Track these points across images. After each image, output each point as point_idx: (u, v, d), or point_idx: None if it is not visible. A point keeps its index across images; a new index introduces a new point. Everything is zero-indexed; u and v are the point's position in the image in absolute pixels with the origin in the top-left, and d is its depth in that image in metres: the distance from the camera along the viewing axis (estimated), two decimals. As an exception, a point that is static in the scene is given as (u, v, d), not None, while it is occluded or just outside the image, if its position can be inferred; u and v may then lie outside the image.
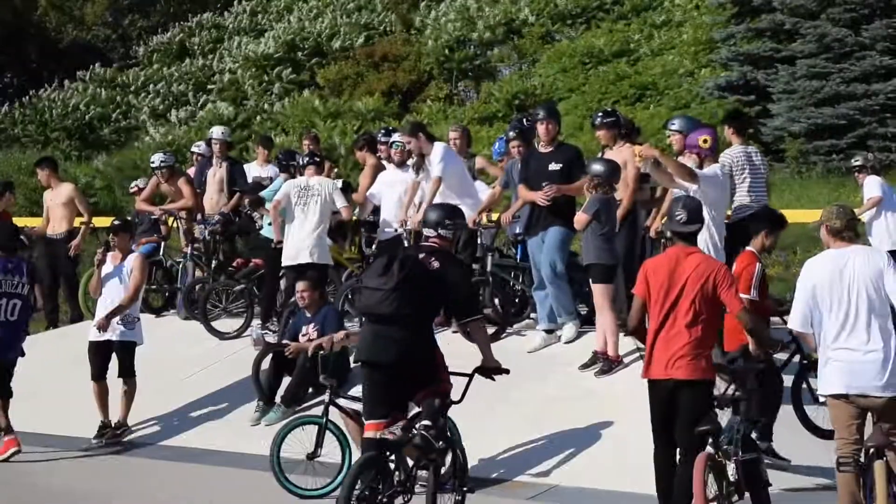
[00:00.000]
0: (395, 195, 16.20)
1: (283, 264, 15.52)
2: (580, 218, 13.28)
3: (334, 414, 12.09)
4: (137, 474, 13.37)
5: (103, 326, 14.53)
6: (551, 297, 14.20)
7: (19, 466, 13.57)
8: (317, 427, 12.00)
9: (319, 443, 11.91)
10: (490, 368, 10.64)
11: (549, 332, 14.46)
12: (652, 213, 14.66)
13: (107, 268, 14.88)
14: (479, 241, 15.39)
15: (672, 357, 9.70)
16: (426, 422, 9.99)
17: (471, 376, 10.66)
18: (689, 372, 9.67)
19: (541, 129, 14.40)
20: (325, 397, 12.18)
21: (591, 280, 13.40)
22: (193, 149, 19.41)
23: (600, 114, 14.89)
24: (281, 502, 11.75)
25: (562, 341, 14.38)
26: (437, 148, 15.39)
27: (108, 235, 15.50)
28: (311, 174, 15.90)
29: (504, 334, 14.93)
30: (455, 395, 10.61)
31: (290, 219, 15.54)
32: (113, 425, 14.58)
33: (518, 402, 13.33)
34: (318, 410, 12.59)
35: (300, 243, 15.40)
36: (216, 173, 18.47)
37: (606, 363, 13.37)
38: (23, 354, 14.60)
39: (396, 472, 9.93)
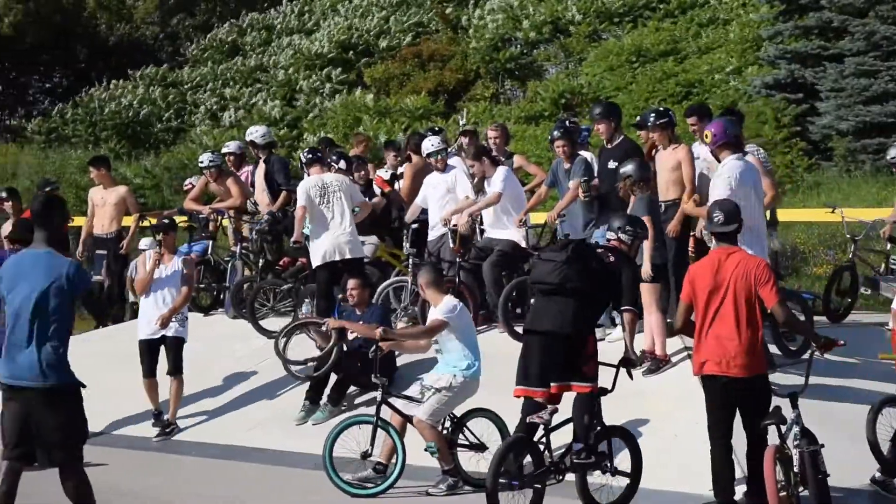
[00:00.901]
0: (437, 195, 16.22)
1: (316, 263, 15.44)
2: (649, 220, 13.15)
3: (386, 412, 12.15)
4: (185, 472, 13.45)
5: (165, 323, 14.69)
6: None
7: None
8: (370, 426, 12.05)
9: (373, 442, 11.97)
10: (629, 360, 11.27)
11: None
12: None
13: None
14: (526, 242, 15.38)
15: (725, 355, 10.01)
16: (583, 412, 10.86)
17: (617, 368, 11.17)
18: (744, 369, 10.00)
19: (599, 128, 14.47)
20: (377, 396, 12.23)
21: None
22: (224, 150, 19.35)
23: (653, 114, 14.61)
24: (327, 501, 11.80)
25: (609, 339, 14.38)
26: (501, 171, 15.57)
27: (155, 235, 15.59)
28: (319, 171, 15.75)
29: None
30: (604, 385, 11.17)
31: (316, 219, 15.40)
32: (164, 421, 14.76)
33: (566, 400, 13.32)
34: (367, 410, 12.64)
35: (333, 241, 15.32)
36: (259, 173, 18.52)
37: (654, 362, 13.35)
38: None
39: (546, 453, 10.68)
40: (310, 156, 15.99)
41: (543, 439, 10.81)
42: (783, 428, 10.14)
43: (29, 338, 9.06)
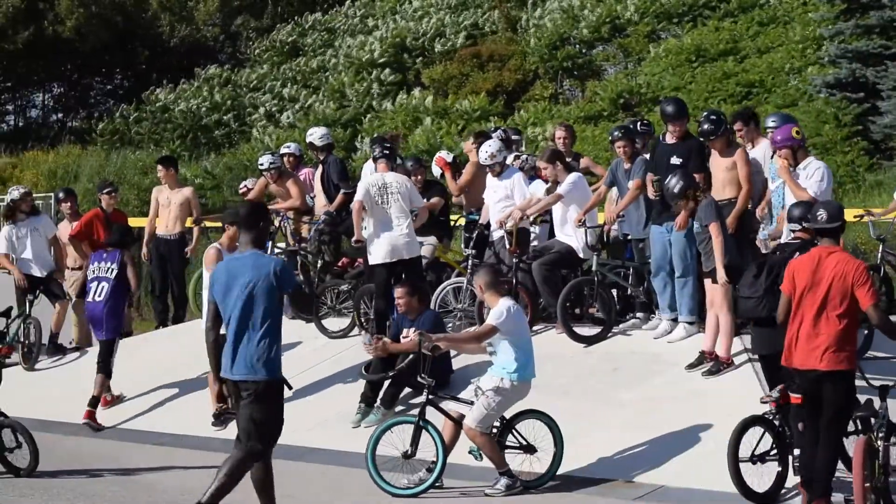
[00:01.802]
0: (495, 198, 16.21)
1: (374, 262, 15.47)
2: (714, 229, 13.12)
3: (432, 414, 12.16)
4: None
5: None
6: (678, 289, 14.22)
7: (133, 465, 13.78)
8: (413, 427, 12.08)
9: (415, 442, 11.98)
10: None
11: (674, 320, 14.44)
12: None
13: None
14: (585, 241, 15.35)
15: (816, 349, 10.31)
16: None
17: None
18: (833, 363, 10.28)
19: (670, 128, 14.43)
20: (423, 397, 12.23)
21: (711, 280, 13.31)
22: (283, 150, 19.41)
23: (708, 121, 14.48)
24: (384, 501, 11.83)
25: (668, 339, 14.36)
26: (571, 176, 15.53)
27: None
28: (384, 169, 15.81)
29: (609, 334, 14.91)
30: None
31: (375, 218, 15.39)
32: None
33: (624, 403, 13.32)
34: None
35: (391, 241, 15.35)
36: (317, 174, 18.57)
37: (715, 364, 13.30)
38: (123, 335, 15.10)
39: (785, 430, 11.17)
40: (377, 152, 15.99)
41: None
42: (873, 421, 10.48)
43: (241, 336, 9.79)
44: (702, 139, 14.35)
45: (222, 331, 10.08)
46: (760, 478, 11.09)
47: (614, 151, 15.73)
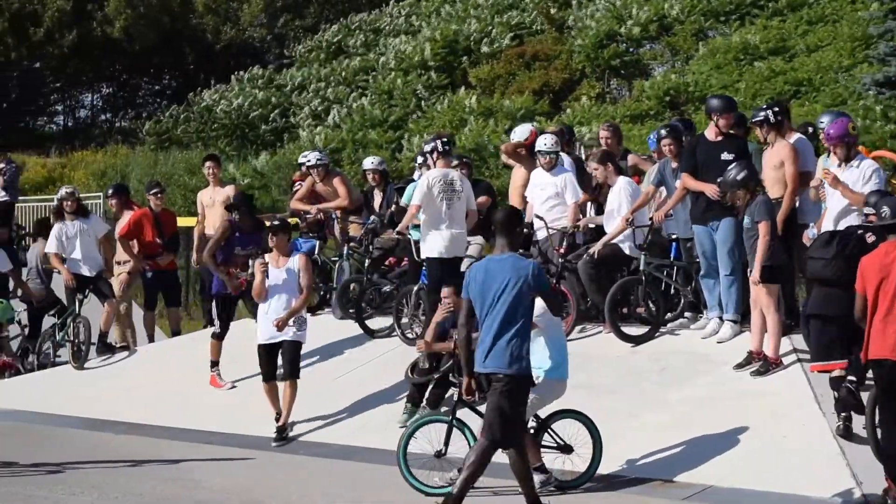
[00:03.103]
0: (543, 196, 16.19)
1: (428, 255, 15.49)
2: (763, 227, 13.07)
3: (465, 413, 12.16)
4: (295, 470, 13.56)
5: (281, 326, 14.61)
6: (724, 288, 14.18)
7: (184, 464, 13.85)
8: (445, 425, 12.08)
9: (447, 441, 11.96)
10: None
11: (721, 318, 14.39)
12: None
13: (270, 271, 14.86)
14: (633, 241, 15.32)
15: (889, 340, 10.47)
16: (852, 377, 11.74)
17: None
18: None
19: (721, 121, 14.35)
20: (455, 396, 12.22)
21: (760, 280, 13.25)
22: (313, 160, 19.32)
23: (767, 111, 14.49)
24: (430, 500, 11.84)
25: (716, 338, 14.31)
26: (621, 182, 15.50)
27: (266, 237, 15.47)
28: (444, 166, 15.73)
29: (657, 334, 14.87)
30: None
31: (431, 212, 15.41)
32: (277, 427, 14.72)
33: (671, 402, 13.29)
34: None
35: (446, 238, 15.38)
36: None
37: (764, 364, 13.23)
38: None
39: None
40: (446, 147, 15.89)
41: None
42: None
43: (496, 332, 10.51)
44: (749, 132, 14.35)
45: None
46: None
47: (661, 151, 15.67)
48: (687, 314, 15.21)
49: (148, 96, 55.28)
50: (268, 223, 18.97)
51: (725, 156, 14.06)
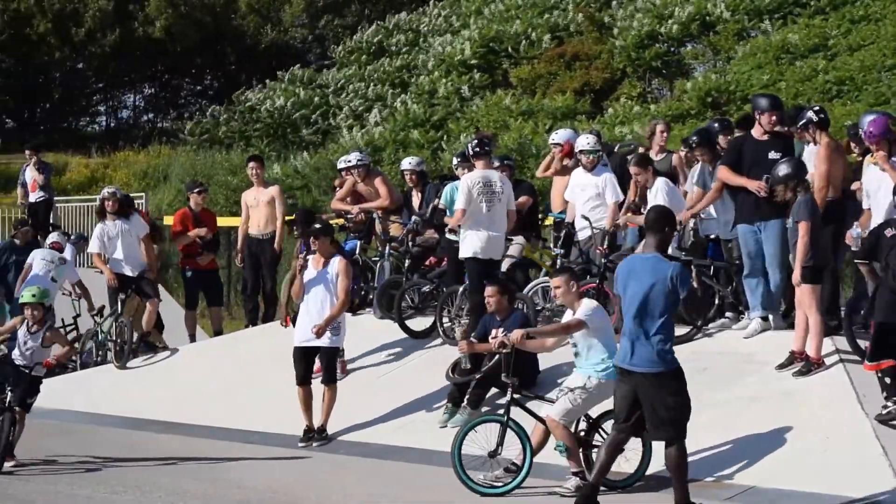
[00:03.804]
0: (584, 197, 16.16)
1: (465, 255, 15.49)
2: (803, 227, 13.00)
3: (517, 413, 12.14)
4: (334, 470, 13.58)
5: (320, 333, 14.57)
6: (773, 286, 14.18)
7: (225, 463, 13.90)
8: (498, 425, 12.06)
9: (501, 441, 11.95)
10: None
11: (764, 318, 14.34)
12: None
13: (309, 272, 14.82)
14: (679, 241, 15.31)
15: None
16: None
17: None
18: None
19: (764, 119, 14.28)
20: (507, 396, 12.21)
21: (801, 280, 13.20)
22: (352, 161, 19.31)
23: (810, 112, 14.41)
24: (471, 500, 11.84)
25: (744, 334, 14.32)
26: (660, 183, 15.47)
27: (308, 239, 15.45)
28: (484, 167, 15.70)
29: (698, 335, 14.82)
30: None
31: (472, 213, 15.39)
32: (316, 429, 14.77)
33: (713, 403, 13.22)
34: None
35: (486, 240, 15.37)
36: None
37: (806, 364, 13.16)
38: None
39: None
40: (478, 148, 15.82)
41: None
42: None
43: (639, 331, 10.65)
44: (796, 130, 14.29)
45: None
46: None
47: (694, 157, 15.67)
48: (728, 314, 15.15)
49: (189, 96, 55.47)
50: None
51: (773, 154, 14.01)
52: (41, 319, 13.81)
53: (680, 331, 14.79)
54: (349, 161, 18.78)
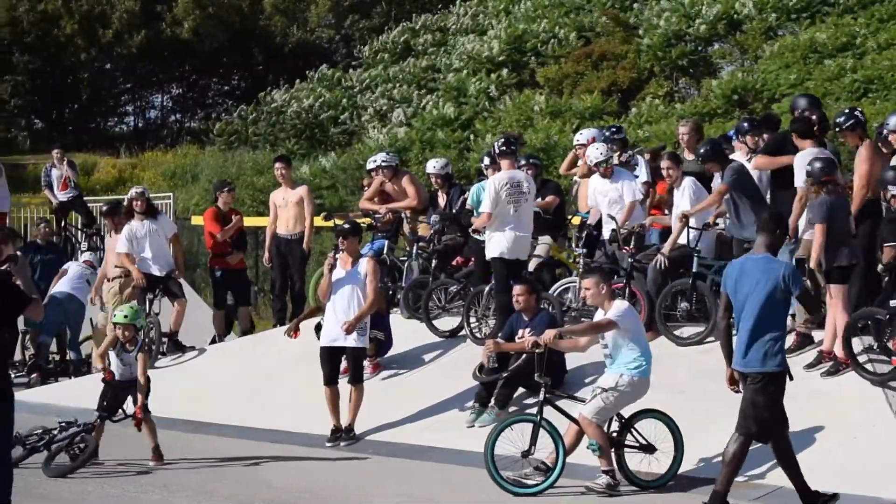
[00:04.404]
0: (606, 202, 16.12)
1: (492, 256, 15.49)
2: (817, 230, 13.02)
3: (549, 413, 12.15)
4: (361, 470, 13.61)
5: (350, 330, 14.59)
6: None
7: (253, 463, 13.95)
8: (531, 425, 12.06)
9: (534, 441, 11.96)
10: None
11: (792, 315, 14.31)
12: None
13: (337, 272, 14.85)
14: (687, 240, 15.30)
15: None
16: None
17: None
18: None
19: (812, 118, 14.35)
20: (540, 396, 12.22)
21: (827, 281, 13.18)
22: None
23: (842, 116, 14.41)
24: (498, 500, 11.85)
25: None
26: (687, 182, 15.49)
27: (336, 239, 15.49)
28: (509, 167, 15.69)
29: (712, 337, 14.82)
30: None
31: (498, 213, 15.40)
32: (344, 429, 14.78)
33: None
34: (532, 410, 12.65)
35: (512, 240, 15.37)
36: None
37: (834, 364, 13.14)
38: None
39: None
40: (504, 148, 15.82)
41: None
42: None
43: (751, 331, 10.71)
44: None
45: None
46: None
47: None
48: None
49: (217, 97, 55.55)
50: (333, 221, 19.14)
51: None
52: (133, 338, 13.91)
53: (695, 329, 14.85)
54: (376, 161, 18.82)
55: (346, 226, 15.29)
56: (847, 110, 14.57)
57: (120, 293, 18.88)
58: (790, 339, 13.54)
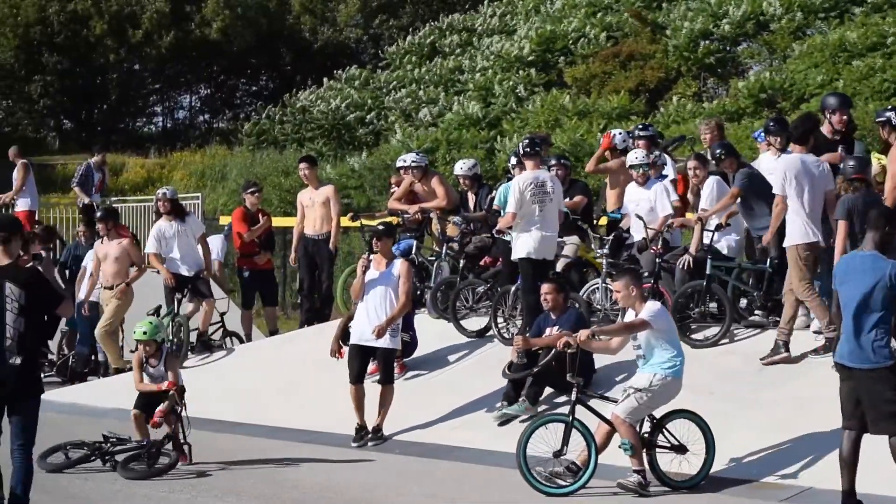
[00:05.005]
0: (640, 211, 16.00)
1: (518, 256, 15.45)
2: (840, 227, 13.00)
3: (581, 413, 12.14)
4: (389, 470, 13.61)
5: (381, 333, 14.59)
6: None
7: (281, 462, 13.97)
8: (563, 425, 12.05)
9: (566, 441, 11.95)
10: None
11: None
12: None
13: (370, 273, 14.85)
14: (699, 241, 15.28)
15: None
16: None
17: None
18: None
19: (835, 118, 14.28)
20: (572, 396, 12.21)
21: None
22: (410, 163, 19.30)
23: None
24: (527, 500, 11.85)
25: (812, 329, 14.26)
26: (711, 181, 15.47)
27: (370, 240, 15.47)
28: (534, 167, 15.64)
29: (737, 338, 14.76)
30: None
31: (524, 213, 15.35)
32: (370, 430, 14.74)
33: (770, 403, 13.19)
34: (564, 409, 12.63)
35: (538, 240, 15.31)
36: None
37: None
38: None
39: None
40: (528, 149, 15.78)
41: None
42: None
43: (857, 327, 10.71)
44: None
45: None
46: None
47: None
48: (757, 313, 15.09)
49: (245, 97, 55.68)
50: (360, 221, 19.19)
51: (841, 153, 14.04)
52: (155, 353, 13.97)
53: (705, 333, 14.82)
54: (406, 161, 18.84)
55: (381, 227, 15.33)
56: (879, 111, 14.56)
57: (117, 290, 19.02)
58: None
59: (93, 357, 20.11)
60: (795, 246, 13.68)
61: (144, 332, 13.96)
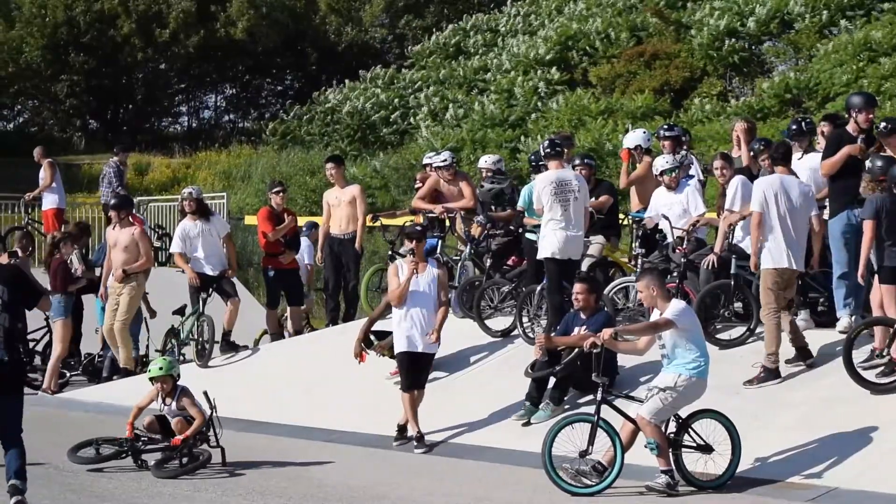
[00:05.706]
0: (672, 215, 15.91)
1: (544, 256, 15.41)
2: (865, 226, 12.97)
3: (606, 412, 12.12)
4: (413, 469, 13.61)
5: (438, 339, 14.55)
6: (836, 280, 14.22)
7: (306, 462, 14.00)
8: (589, 425, 12.04)
9: (591, 441, 11.94)
10: None
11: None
12: None
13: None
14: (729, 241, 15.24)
15: None
16: None
17: None
18: None
19: (861, 117, 14.25)
20: (598, 396, 12.19)
21: (880, 281, 13.10)
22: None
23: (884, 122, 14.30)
24: (552, 500, 11.84)
25: (838, 329, 14.19)
26: (736, 180, 15.37)
27: (394, 240, 15.45)
28: (558, 167, 15.60)
29: (753, 337, 14.72)
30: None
31: (549, 213, 15.31)
32: (415, 437, 14.53)
33: (795, 403, 13.15)
34: (589, 409, 12.61)
35: (563, 239, 15.27)
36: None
37: (889, 364, 13.04)
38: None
39: None
40: (549, 150, 15.75)
41: None
42: None
43: None
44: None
45: None
46: None
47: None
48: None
49: (271, 97, 55.78)
50: (380, 221, 19.17)
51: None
52: (171, 391, 13.89)
53: (731, 334, 14.77)
54: (436, 160, 18.81)
55: (418, 228, 15.33)
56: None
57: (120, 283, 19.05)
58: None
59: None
60: (765, 269, 13.71)
61: (160, 368, 13.83)
